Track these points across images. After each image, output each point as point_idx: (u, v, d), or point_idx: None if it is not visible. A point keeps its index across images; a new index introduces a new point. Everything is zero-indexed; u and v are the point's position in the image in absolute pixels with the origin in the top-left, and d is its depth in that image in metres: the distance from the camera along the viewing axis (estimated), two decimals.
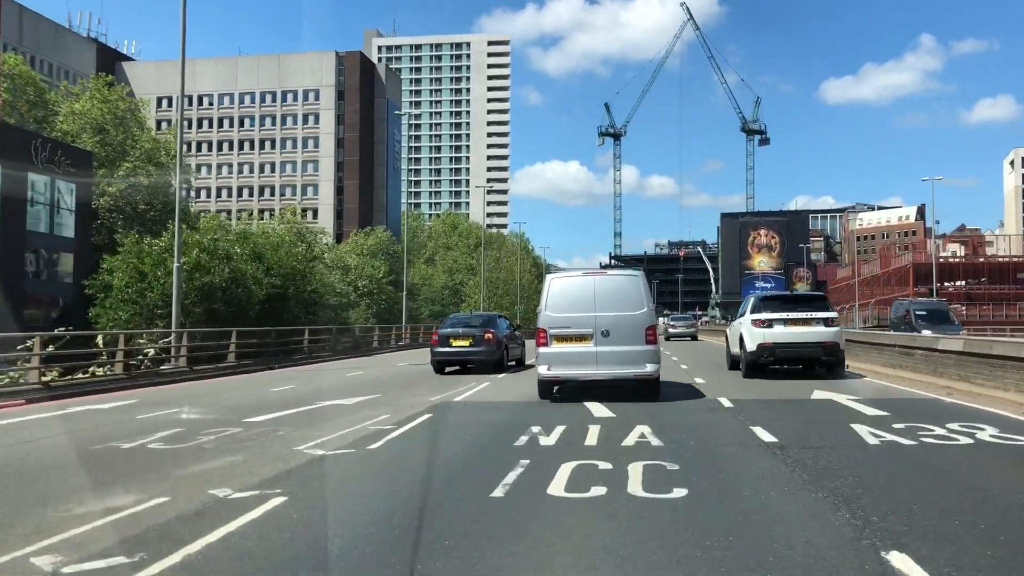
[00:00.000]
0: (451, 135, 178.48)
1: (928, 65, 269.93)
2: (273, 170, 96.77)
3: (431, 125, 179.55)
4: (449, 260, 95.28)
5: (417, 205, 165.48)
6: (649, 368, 11.69)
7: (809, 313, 15.47)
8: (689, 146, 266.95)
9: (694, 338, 45.97)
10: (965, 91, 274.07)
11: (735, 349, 17.32)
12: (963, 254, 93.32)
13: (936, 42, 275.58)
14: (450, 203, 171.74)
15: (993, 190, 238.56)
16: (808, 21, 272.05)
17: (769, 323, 15.36)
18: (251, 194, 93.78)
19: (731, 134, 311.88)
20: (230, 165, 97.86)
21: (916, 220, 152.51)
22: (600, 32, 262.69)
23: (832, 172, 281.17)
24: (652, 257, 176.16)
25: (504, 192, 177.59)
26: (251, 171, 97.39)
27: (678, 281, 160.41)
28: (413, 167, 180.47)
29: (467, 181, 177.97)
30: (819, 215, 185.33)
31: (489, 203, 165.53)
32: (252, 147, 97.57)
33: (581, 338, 11.75)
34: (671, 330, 45.99)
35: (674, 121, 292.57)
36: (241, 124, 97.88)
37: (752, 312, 15.91)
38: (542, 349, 11.98)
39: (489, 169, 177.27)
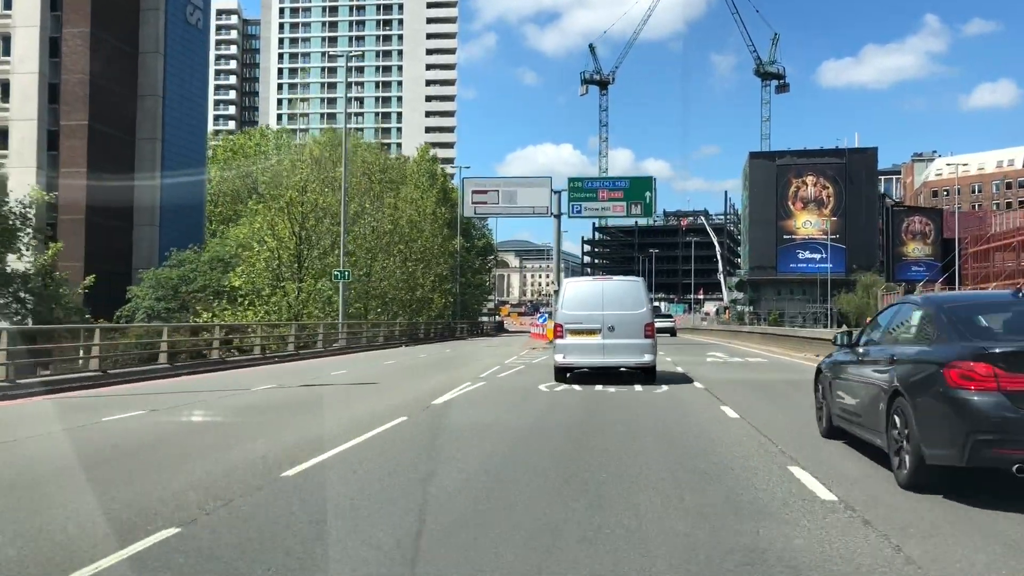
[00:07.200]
0: (378, 46, 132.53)
1: (932, 47, 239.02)
2: None
3: (351, 39, 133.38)
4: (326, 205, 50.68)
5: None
6: (647, 358, 14.50)
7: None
8: (689, 116, 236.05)
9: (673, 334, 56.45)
10: (968, 74, 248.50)
11: None
12: None
13: (941, 22, 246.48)
14: (383, 144, 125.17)
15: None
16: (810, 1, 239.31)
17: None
18: None
19: (733, 111, 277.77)
20: None
21: None
22: (601, 7, 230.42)
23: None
24: (644, 229, 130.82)
25: (450, 131, 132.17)
26: None
27: (679, 259, 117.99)
28: (330, 94, 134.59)
29: (399, 115, 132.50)
30: None
31: (433, 145, 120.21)
32: None
33: (591, 332, 14.46)
34: None
35: (672, 97, 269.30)
36: None
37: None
38: (559, 341, 14.82)
39: (429, 99, 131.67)
